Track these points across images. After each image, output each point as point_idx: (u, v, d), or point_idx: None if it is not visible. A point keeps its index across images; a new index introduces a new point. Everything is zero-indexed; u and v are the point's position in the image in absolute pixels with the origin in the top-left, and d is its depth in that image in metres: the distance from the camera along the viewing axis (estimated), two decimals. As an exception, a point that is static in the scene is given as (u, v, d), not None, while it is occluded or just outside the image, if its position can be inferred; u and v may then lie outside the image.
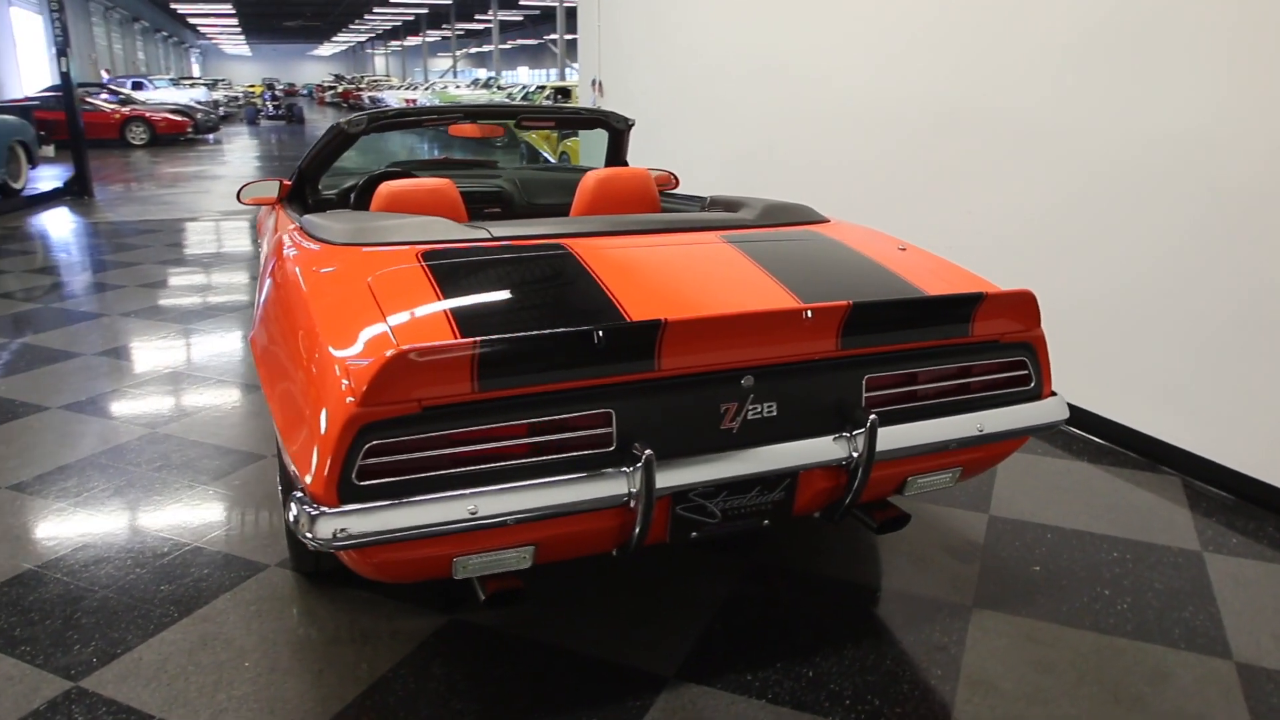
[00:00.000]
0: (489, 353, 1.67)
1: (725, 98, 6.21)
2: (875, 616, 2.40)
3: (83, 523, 2.85)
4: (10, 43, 20.10)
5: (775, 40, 5.57)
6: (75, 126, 10.24)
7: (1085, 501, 3.08)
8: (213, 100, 24.51)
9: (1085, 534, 2.84)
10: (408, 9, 45.62)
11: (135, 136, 17.73)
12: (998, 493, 3.12)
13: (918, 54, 4.38)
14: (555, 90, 17.84)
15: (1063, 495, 3.13)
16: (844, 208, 5.04)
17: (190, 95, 24.37)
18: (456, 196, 2.99)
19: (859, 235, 2.59)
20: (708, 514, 1.97)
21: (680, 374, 1.85)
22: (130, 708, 2.03)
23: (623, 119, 3.85)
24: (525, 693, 2.09)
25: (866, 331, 1.99)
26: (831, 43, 5.03)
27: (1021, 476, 3.26)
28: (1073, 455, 3.46)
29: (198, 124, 19.42)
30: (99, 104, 17.73)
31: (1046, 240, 3.73)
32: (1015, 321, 2.14)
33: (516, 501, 1.72)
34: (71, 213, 9.69)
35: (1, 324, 5.19)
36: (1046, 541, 2.79)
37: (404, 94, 30.92)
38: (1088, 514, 2.98)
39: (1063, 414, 2.22)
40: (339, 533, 1.63)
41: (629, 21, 7.61)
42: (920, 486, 2.19)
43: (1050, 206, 3.70)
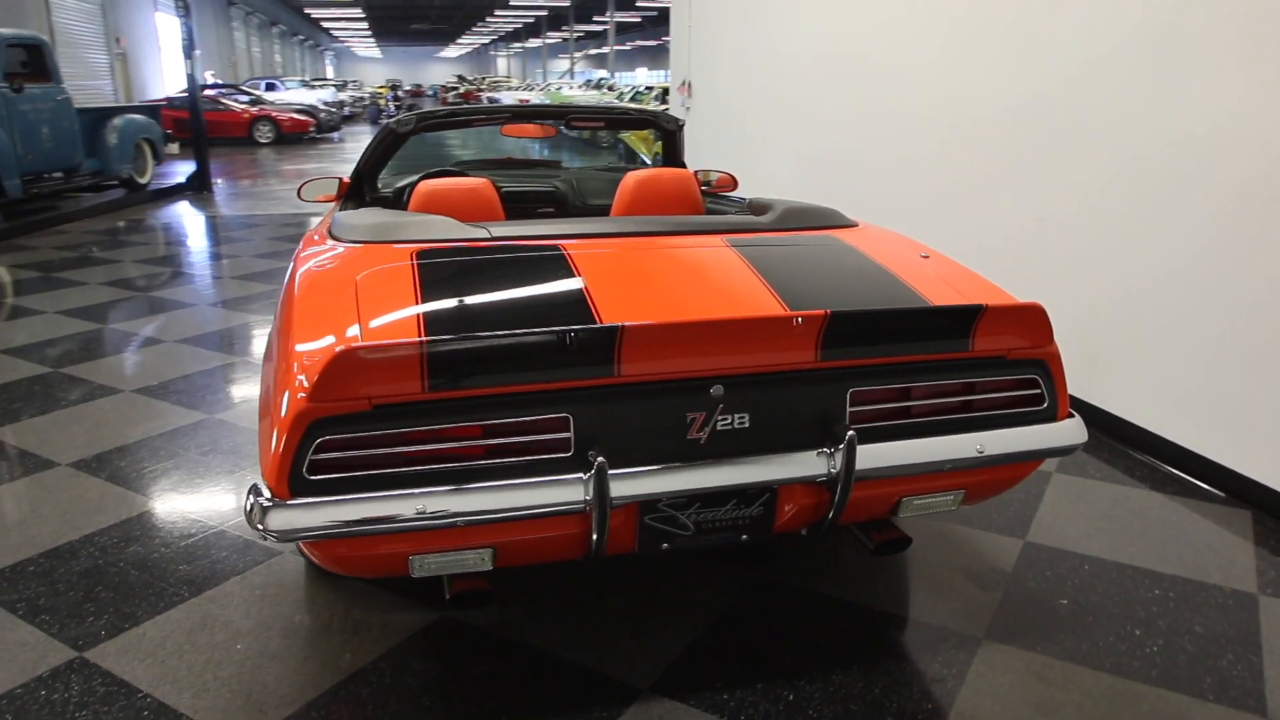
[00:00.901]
0: (438, 353, 1.66)
1: (805, 96, 6.08)
2: (874, 641, 2.29)
3: (125, 502, 3.00)
4: (155, 47, 21.48)
5: (853, 38, 5.41)
6: (198, 125, 10.86)
7: (1136, 532, 2.86)
8: (338, 101, 25.57)
9: (1127, 567, 2.64)
10: (528, 11, 46.56)
11: (262, 135, 18.67)
12: (1040, 517, 2.93)
13: (987, 48, 4.17)
14: (664, 90, 17.92)
15: (1112, 524, 2.91)
16: (912, 207, 4.87)
17: (318, 96, 25.48)
18: (493, 195, 3.01)
19: (879, 241, 2.48)
20: (679, 526, 1.91)
21: (642, 380, 1.80)
22: (123, 681, 2.11)
23: (672, 119, 3.80)
24: (496, 695, 2.08)
25: (849, 343, 1.89)
26: (905, 39, 4.85)
27: (1070, 501, 3.05)
28: (1133, 481, 3.22)
29: (321, 123, 20.29)
30: (230, 104, 18.76)
31: (1117, 240, 3.49)
32: (1023, 337, 2.00)
33: (466, 503, 1.71)
34: (190, 206, 10.28)
35: (98, 310, 5.53)
36: (1081, 573, 2.60)
37: (519, 94, 31.57)
38: (1135, 546, 2.77)
39: (1077, 438, 2.06)
40: (286, 525, 1.65)
41: (718, 22, 7.53)
42: (917, 508, 2.07)
43: (1124, 206, 3.46)
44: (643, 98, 22.56)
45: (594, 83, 34.85)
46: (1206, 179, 3.09)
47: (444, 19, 52.12)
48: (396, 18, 50.36)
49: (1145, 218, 3.35)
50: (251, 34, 39.01)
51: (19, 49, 8.64)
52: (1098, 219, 3.57)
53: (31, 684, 2.10)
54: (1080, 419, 2.10)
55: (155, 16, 21.50)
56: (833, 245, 2.40)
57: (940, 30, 4.54)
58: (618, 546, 1.92)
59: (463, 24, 56.22)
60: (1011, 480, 2.16)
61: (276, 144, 18.74)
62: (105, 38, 18.22)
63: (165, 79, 21.42)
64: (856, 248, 2.37)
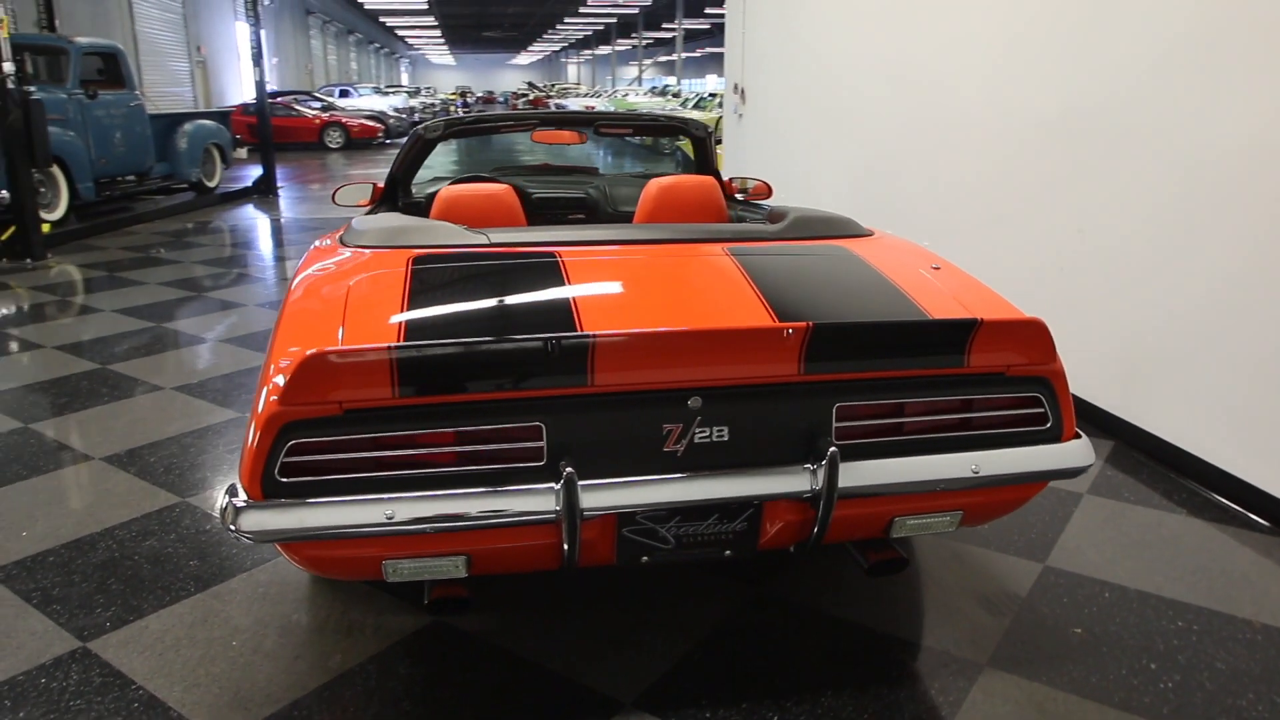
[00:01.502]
0: (407, 360, 1.66)
1: (848, 106, 5.98)
2: (870, 664, 2.22)
3: (149, 496, 3.08)
4: (234, 54, 22.22)
5: (896, 48, 5.30)
6: (264, 130, 11.18)
7: (1166, 560, 2.72)
8: (409, 107, 26.11)
9: (1151, 596, 2.51)
10: (598, 19, 46.94)
11: (332, 140, 19.17)
12: (1064, 540, 2.81)
13: (1032, 62, 4.03)
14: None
15: (1141, 550, 2.78)
16: (955, 220, 4.74)
17: (389, 102, 26.06)
18: (513, 201, 3.02)
19: (888, 251, 2.41)
20: (659, 539, 1.88)
21: (617, 390, 1.77)
22: (119, 672, 2.16)
23: (701, 126, 3.78)
24: (476, 704, 2.07)
25: (835, 356, 1.83)
26: (947, 50, 4.73)
27: (1099, 525, 2.93)
28: (1170, 506, 3.07)
29: (389, 129, 20.74)
30: (301, 110, 19.29)
31: (1160, 254, 3.33)
32: (1023, 353, 1.92)
33: (435, 509, 1.70)
34: (255, 209, 10.59)
35: (155, 310, 5.72)
36: (1100, 600, 2.49)
37: (585, 101, 31.86)
38: (1163, 574, 2.63)
39: (1082, 460, 1.97)
40: (257, 527, 1.66)
41: (767, 27, 7.47)
42: (910, 528, 2.00)
43: (1168, 219, 3.31)
44: (706, 104, 22.53)
45: (660, 89, 34.95)
46: (1256, 189, 2.93)
47: (516, 26, 52.88)
48: (470, 25, 51.28)
49: (1190, 230, 3.20)
50: (329, 42, 40.10)
51: (95, 57, 9.01)
52: (1140, 233, 3.43)
53: (34, 671, 2.17)
54: (1087, 441, 2.01)
55: (235, 25, 22.24)
56: (837, 255, 2.34)
57: (985, 43, 4.42)
58: (595, 558, 1.89)
59: (534, 31, 56.96)
60: (1014, 502, 2.08)
61: (346, 149, 19.20)
62: (187, 46, 18.93)
63: (243, 85, 22.15)
64: (862, 258, 2.31)
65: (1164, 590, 2.54)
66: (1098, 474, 3.28)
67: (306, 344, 1.80)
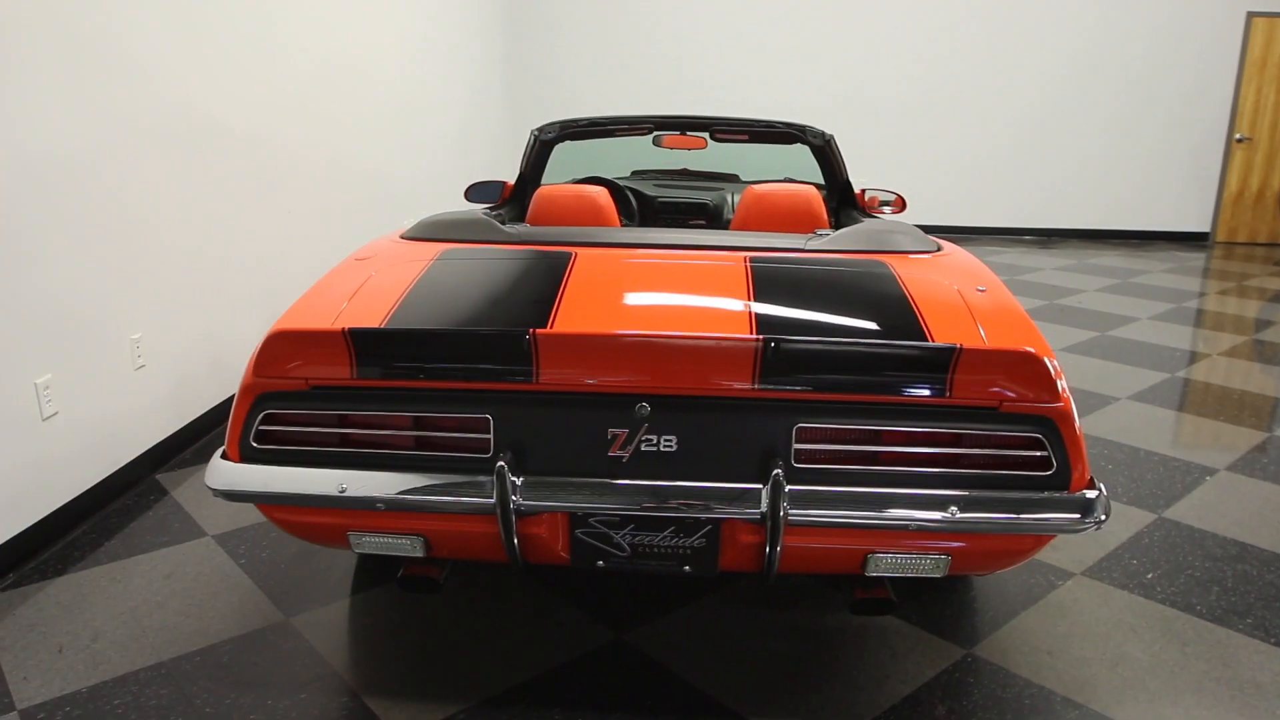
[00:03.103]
0: (362, 342, 1.76)
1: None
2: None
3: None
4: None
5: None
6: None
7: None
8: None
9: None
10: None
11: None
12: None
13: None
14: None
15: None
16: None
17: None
18: (604, 203, 3.08)
19: (935, 270, 2.22)
20: (614, 545, 1.87)
21: (563, 389, 1.77)
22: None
23: (819, 133, 3.65)
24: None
25: (793, 373, 1.73)
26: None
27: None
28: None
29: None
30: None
31: None
32: (1018, 388, 1.72)
33: (383, 487, 1.80)
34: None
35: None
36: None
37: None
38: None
39: (1090, 514, 1.73)
40: (227, 485, 1.83)
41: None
42: (889, 567, 1.85)
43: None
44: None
45: None
46: None
47: None
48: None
49: None
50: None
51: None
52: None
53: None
54: (1104, 494, 1.77)
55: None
56: (869, 271, 2.19)
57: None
58: (549, 557, 1.91)
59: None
60: (1012, 553, 1.86)
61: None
62: None
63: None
64: (895, 275, 2.15)
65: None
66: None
67: (303, 322, 1.95)
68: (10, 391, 2.54)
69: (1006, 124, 8.41)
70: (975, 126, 8.43)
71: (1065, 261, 7.53)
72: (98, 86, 2.87)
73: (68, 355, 2.76)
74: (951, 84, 8.35)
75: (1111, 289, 6.49)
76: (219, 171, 3.62)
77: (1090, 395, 4.17)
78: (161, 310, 3.23)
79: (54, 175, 2.68)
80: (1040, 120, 8.37)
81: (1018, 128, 8.41)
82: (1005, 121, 8.40)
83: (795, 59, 8.50)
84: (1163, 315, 5.72)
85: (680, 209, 4.13)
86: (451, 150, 6.87)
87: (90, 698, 2.06)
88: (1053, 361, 1.76)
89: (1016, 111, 8.37)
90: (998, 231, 8.69)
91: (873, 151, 8.58)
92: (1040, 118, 8.36)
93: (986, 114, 8.39)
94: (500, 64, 8.31)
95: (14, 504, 2.58)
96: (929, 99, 8.42)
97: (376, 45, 5.37)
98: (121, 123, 2.99)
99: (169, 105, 3.26)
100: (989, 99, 8.36)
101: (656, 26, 8.60)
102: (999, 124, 8.41)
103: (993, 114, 8.39)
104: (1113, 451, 3.53)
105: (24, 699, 2.06)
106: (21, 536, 2.60)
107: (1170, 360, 4.74)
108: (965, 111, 8.41)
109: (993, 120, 8.41)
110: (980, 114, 8.39)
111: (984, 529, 1.73)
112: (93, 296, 2.87)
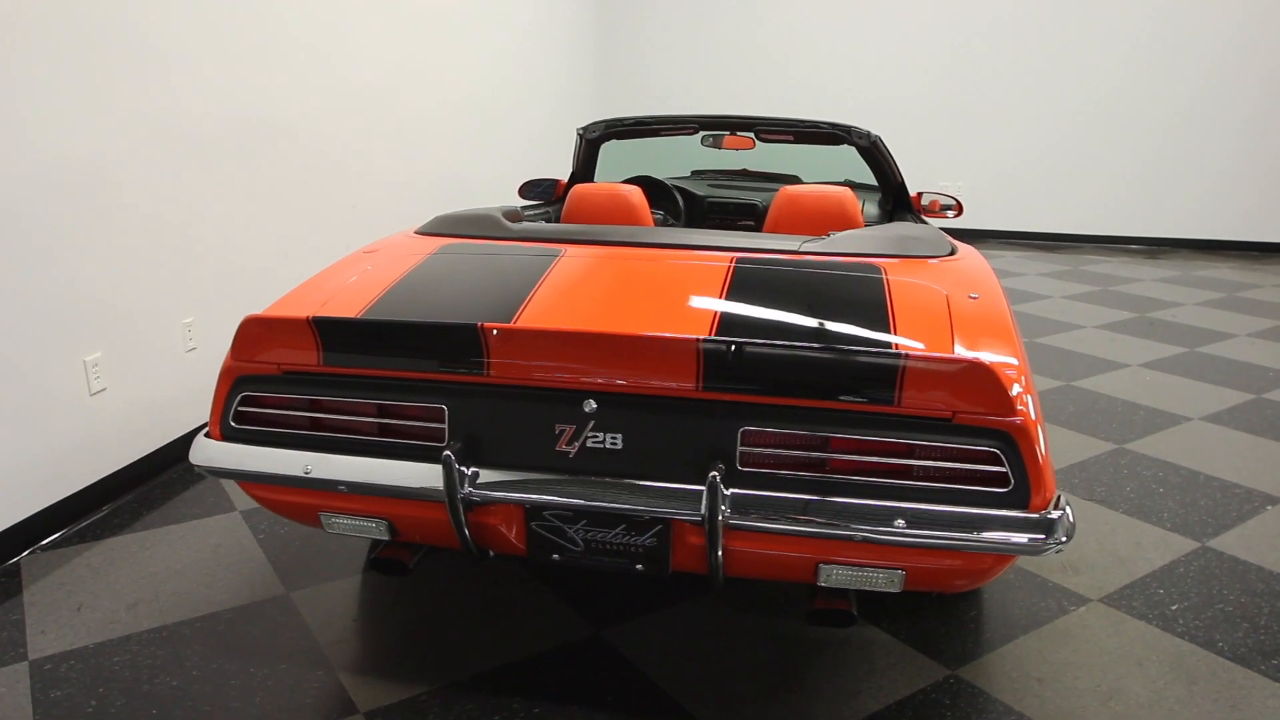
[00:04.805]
0: (326, 330, 1.83)
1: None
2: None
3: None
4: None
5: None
6: None
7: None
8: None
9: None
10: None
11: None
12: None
13: None
14: None
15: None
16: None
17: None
18: (636, 202, 3.10)
19: (929, 275, 2.13)
20: (568, 540, 1.88)
21: (513, 383, 1.80)
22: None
23: (864, 134, 3.56)
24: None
25: (738, 377, 1.71)
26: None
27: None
28: None
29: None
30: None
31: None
32: (969, 399, 1.64)
33: (345, 471, 1.87)
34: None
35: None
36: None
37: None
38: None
39: (1051, 536, 1.63)
40: (205, 461, 1.94)
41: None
42: (841, 580, 1.80)
43: None
44: None
45: None
46: None
47: None
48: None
49: None
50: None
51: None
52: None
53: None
54: (1069, 513, 1.67)
55: None
56: (856, 275, 2.13)
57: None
58: (506, 547, 1.94)
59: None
60: (970, 573, 1.77)
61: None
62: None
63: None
64: (883, 280, 2.09)
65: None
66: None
67: (292, 309, 2.04)
68: (60, 367, 2.75)
69: (1119, 129, 7.97)
70: (1082, 134, 8.03)
71: (1169, 273, 7.10)
72: (162, 93, 3.07)
73: (119, 336, 2.97)
74: (1068, 85, 7.99)
75: (1213, 303, 6.08)
76: (282, 170, 3.81)
77: (1158, 414, 3.93)
78: (215, 297, 3.43)
79: (117, 175, 2.88)
80: (1185, 124, 7.85)
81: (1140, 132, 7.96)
82: (1119, 127, 7.97)
83: (897, 52, 8.30)
84: (1263, 333, 5.33)
85: (729, 209, 4.11)
86: (536, 149, 7.00)
87: (94, 654, 2.22)
88: (1012, 374, 1.68)
89: (1147, 117, 7.93)
90: (1101, 240, 8.26)
91: (987, 151, 8.30)
92: (1181, 123, 7.86)
93: (1096, 121, 7.98)
94: (591, 60, 8.41)
95: (59, 472, 2.79)
96: (1040, 100, 8.07)
97: (455, 45, 5.53)
98: (191, 125, 3.19)
99: (234, 110, 3.45)
100: (1124, 102, 7.94)
101: (756, 22, 8.54)
102: (1112, 130, 7.98)
103: (1104, 121, 7.97)
104: (1168, 474, 3.32)
105: (36, 650, 2.23)
106: (64, 503, 2.81)
107: (1258, 381, 4.42)
108: (1080, 114, 8.03)
109: (1104, 127, 7.98)
110: (1090, 122, 7.99)
111: (931, 545, 1.67)
112: (147, 282, 3.07)
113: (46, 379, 2.71)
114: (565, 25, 7.57)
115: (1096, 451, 3.51)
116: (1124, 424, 3.81)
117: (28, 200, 2.61)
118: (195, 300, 3.32)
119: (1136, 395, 4.18)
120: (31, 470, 2.69)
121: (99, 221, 2.86)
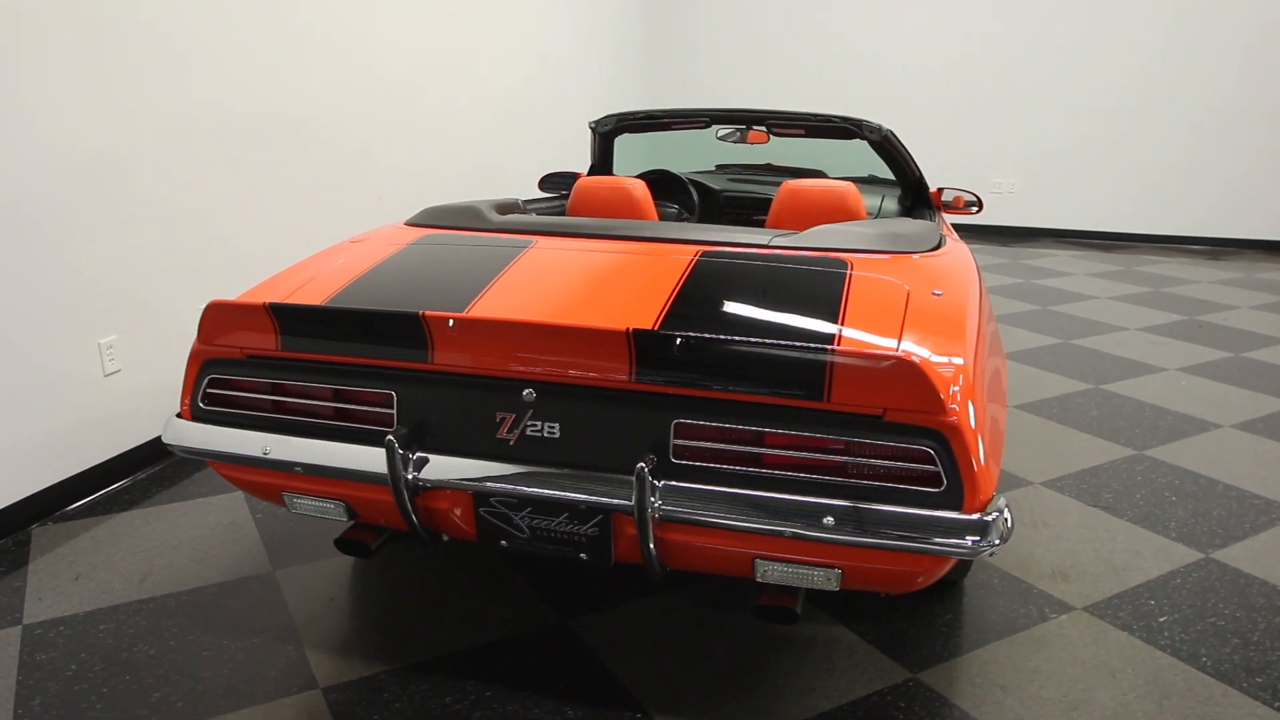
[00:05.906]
0: (281, 316, 1.89)
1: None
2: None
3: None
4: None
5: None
6: None
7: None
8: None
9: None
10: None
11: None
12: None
13: None
14: None
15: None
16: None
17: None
18: (639, 195, 3.12)
19: (895, 271, 2.10)
20: (515, 526, 1.91)
21: (454, 371, 1.84)
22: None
23: (876, 128, 3.50)
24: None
25: (669, 368, 1.71)
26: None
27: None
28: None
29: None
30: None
31: None
32: (899, 398, 1.62)
33: (300, 453, 1.93)
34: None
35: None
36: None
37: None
38: None
39: (984, 538, 1.60)
40: (174, 440, 2.02)
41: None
42: (778, 576, 1.79)
43: None
44: None
45: None
46: None
47: None
48: None
49: None
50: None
51: None
52: None
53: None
54: (1006, 516, 1.64)
55: None
56: (820, 270, 2.11)
57: None
58: (456, 531, 1.98)
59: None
60: (907, 573, 1.74)
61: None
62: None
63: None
64: (846, 275, 2.06)
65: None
66: None
67: (262, 295, 2.11)
68: (74, 348, 2.89)
69: (1180, 123, 7.67)
70: (1143, 127, 7.75)
71: (1229, 275, 6.81)
72: (178, 88, 3.19)
73: (133, 320, 3.10)
74: (1124, 83, 7.72)
75: (1269, 307, 5.81)
76: (305, 162, 3.92)
77: (1187, 420, 3.79)
78: (235, 286, 3.55)
79: (135, 167, 3.01)
80: (1221, 117, 7.56)
81: (1191, 126, 7.66)
82: (1180, 121, 7.67)
83: (948, 46, 8.12)
84: (1319, 338, 5.08)
85: (745, 204, 4.09)
86: (578, 143, 7.04)
87: (83, 621, 2.33)
88: (949, 372, 1.65)
89: (1189, 110, 7.62)
90: (1160, 240, 7.96)
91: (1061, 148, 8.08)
92: (1222, 114, 7.56)
93: (1158, 114, 7.69)
94: (640, 51, 8.40)
95: (72, 449, 2.93)
96: (1093, 91, 7.81)
97: (491, 37, 5.60)
98: (213, 119, 3.31)
99: (256, 105, 3.56)
100: (1167, 96, 7.66)
101: (814, 7, 8.45)
102: (1174, 124, 7.69)
103: (1166, 114, 7.68)
104: (1185, 482, 3.19)
105: (31, 616, 2.35)
106: (76, 478, 2.95)
107: (1304, 388, 4.22)
108: (1135, 112, 7.75)
109: (1166, 121, 7.69)
110: (1152, 114, 7.71)
111: (860, 544, 1.65)
112: (164, 270, 3.20)
113: (61, 360, 2.85)
114: (611, 16, 7.58)
115: (1113, 457, 3.40)
116: (1148, 429, 3.68)
117: (46, 191, 2.74)
118: (213, 289, 3.44)
119: (1168, 400, 4.03)
120: (46, 445, 2.83)
121: (115, 211, 2.98)
